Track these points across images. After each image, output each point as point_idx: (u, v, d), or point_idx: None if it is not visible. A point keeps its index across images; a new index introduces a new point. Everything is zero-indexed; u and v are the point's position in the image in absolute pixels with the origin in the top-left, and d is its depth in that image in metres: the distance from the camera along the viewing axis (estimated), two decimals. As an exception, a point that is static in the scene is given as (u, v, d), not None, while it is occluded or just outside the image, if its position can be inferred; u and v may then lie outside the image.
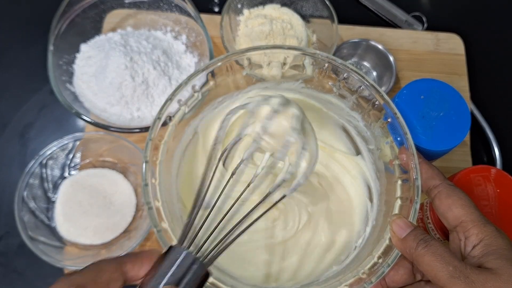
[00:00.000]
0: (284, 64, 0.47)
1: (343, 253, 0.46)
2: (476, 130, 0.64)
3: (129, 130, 0.53)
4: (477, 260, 0.33)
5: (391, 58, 0.62)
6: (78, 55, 0.60)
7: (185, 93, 0.44)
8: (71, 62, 0.59)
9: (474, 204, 0.35)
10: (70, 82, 0.58)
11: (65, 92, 0.55)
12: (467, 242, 0.34)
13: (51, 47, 0.56)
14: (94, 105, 0.57)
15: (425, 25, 0.69)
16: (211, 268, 0.31)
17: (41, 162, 0.53)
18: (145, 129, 0.53)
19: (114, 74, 0.55)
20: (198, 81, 0.44)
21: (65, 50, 0.58)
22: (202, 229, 0.33)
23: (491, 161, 0.63)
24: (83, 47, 0.60)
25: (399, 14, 0.70)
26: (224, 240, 0.33)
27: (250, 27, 0.62)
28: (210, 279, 0.33)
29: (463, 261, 0.33)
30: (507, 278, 0.30)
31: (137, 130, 0.53)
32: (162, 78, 0.57)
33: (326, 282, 0.41)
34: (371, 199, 0.47)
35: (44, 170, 0.54)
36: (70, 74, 0.59)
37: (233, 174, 0.39)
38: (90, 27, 0.61)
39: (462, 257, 0.35)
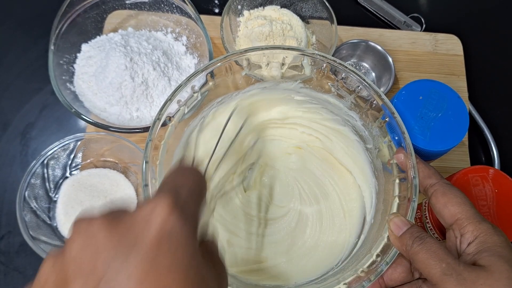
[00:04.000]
0: (283, 64, 0.48)
1: (342, 252, 0.46)
2: (474, 131, 0.64)
3: (128, 130, 0.54)
4: (471, 257, 0.33)
5: (390, 59, 0.62)
6: (79, 55, 0.60)
7: (184, 94, 0.44)
8: (72, 61, 0.59)
9: (470, 202, 0.35)
10: (71, 82, 0.58)
11: (65, 91, 0.55)
12: (463, 239, 0.34)
13: (52, 47, 0.56)
14: (93, 104, 0.57)
15: (424, 26, 0.69)
16: None
17: (42, 162, 0.54)
18: (145, 129, 0.53)
19: (114, 74, 0.55)
20: (198, 81, 0.45)
21: (66, 50, 0.59)
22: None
23: (489, 161, 0.63)
24: (84, 47, 0.60)
25: (398, 15, 0.70)
26: None
27: (250, 28, 0.62)
28: None
29: (458, 258, 0.33)
30: (499, 275, 0.30)
31: (138, 130, 0.53)
32: (162, 79, 0.57)
33: (325, 280, 0.42)
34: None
35: (45, 170, 0.54)
36: (71, 74, 0.59)
37: None
38: (91, 27, 0.62)
39: (458, 254, 0.35)
